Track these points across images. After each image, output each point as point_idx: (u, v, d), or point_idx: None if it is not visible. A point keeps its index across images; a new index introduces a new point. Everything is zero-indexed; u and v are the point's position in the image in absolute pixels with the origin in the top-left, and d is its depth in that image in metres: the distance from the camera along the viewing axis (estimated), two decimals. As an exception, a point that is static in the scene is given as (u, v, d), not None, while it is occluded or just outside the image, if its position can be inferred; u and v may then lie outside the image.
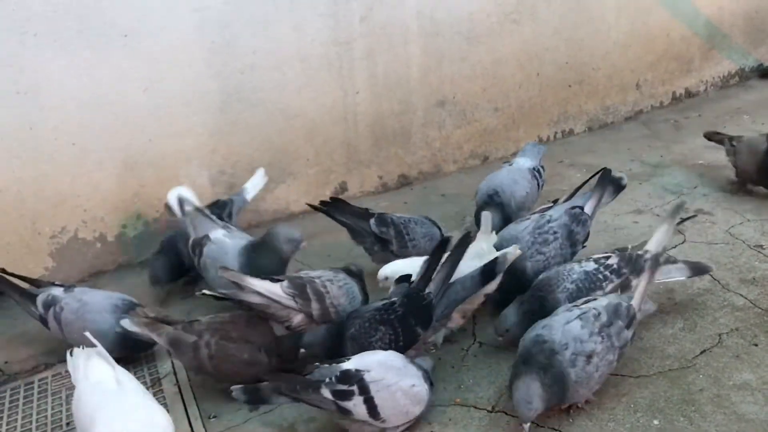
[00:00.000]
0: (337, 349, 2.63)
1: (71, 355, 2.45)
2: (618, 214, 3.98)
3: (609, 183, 3.31)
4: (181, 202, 3.41)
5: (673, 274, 2.93)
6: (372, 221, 3.40)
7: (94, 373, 2.33)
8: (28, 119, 3.45)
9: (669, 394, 2.55)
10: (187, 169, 3.94)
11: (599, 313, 2.44)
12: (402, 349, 2.60)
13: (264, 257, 3.17)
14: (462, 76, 4.66)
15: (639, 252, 2.86)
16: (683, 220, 3.32)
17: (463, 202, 4.28)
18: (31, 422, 2.82)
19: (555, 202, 3.33)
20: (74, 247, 3.72)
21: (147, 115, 3.74)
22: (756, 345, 2.77)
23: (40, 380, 3.07)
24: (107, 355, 2.39)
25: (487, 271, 2.71)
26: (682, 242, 3.60)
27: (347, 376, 2.32)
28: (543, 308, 2.66)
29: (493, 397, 2.63)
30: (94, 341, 2.43)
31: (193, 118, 3.87)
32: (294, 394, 2.29)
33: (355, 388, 2.30)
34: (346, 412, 2.32)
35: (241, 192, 3.84)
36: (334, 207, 3.51)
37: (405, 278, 2.77)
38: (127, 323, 2.75)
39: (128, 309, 2.92)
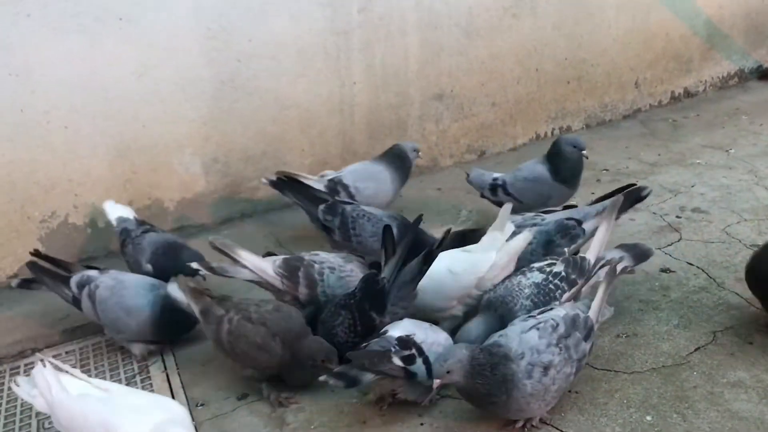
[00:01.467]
0: (313, 331, 2.68)
1: (18, 385, 2.34)
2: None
3: (630, 200, 3.17)
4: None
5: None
6: (321, 206, 3.39)
7: (72, 386, 2.24)
8: (20, 102, 3.40)
9: (662, 390, 2.53)
10: (180, 157, 3.89)
11: (557, 324, 2.32)
12: (361, 336, 2.59)
13: (399, 166, 3.83)
14: (460, 69, 4.63)
15: (582, 255, 2.78)
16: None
17: (459, 196, 4.25)
18: (15, 406, 2.78)
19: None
20: (64, 232, 3.67)
21: (141, 100, 3.69)
22: (751, 343, 2.75)
23: (26, 365, 3.04)
24: (73, 370, 2.33)
25: (428, 254, 2.64)
26: (678, 240, 3.58)
27: (405, 342, 2.39)
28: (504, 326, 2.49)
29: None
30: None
31: (187, 105, 3.83)
32: (374, 366, 2.33)
33: (414, 351, 2.37)
34: (412, 376, 2.38)
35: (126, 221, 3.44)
36: (288, 185, 3.52)
37: (375, 265, 2.74)
38: (172, 288, 2.77)
39: (165, 288, 2.87)
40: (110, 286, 2.91)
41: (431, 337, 2.44)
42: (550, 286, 2.63)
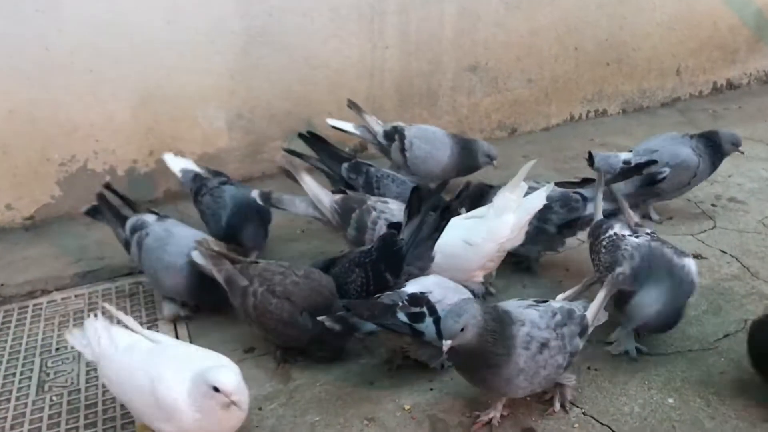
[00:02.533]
0: None
1: (72, 334, 2.27)
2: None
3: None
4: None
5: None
6: (345, 165, 3.31)
7: (121, 339, 2.16)
8: (45, 40, 3.34)
9: (687, 374, 2.42)
10: (204, 110, 3.82)
11: (555, 312, 2.18)
12: (372, 294, 2.48)
13: (462, 152, 3.67)
14: (497, 41, 4.48)
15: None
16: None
17: (488, 172, 4.12)
18: (20, 344, 2.77)
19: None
20: (82, 178, 3.62)
21: (168, 48, 3.62)
22: (784, 334, 2.61)
23: (34, 305, 3.03)
24: (128, 319, 2.24)
25: (445, 209, 2.55)
26: (712, 228, 3.45)
27: (416, 299, 2.31)
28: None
29: (499, 361, 2.49)
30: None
31: (215, 57, 3.75)
32: (374, 319, 2.27)
33: (425, 309, 2.28)
34: (418, 334, 2.29)
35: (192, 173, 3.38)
36: (311, 141, 3.42)
37: (395, 225, 2.64)
38: (196, 255, 2.66)
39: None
40: (159, 237, 2.80)
41: (451, 299, 2.28)
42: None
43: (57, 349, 2.72)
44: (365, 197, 2.97)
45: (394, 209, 2.87)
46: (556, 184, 3.02)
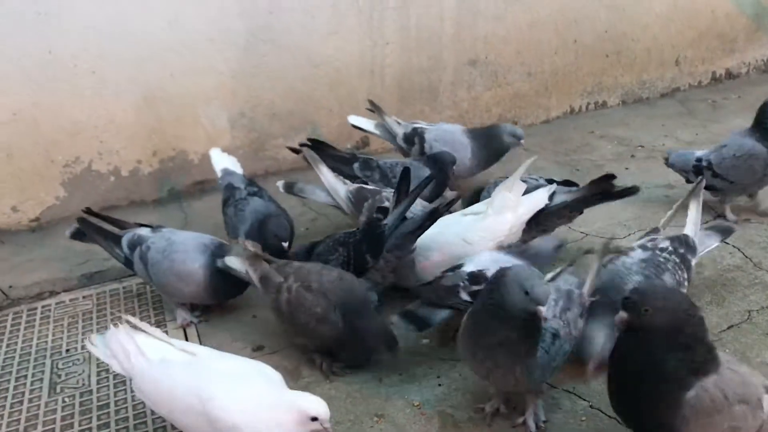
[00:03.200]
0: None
1: (94, 344, 2.14)
2: (648, 187, 3.83)
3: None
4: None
5: (708, 243, 2.74)
6: (355, 165, 3.36)
7: (150, 349, 2.04)
8: (48, 43, 3.36)
9: (692, 365, 2.43)
10: (207, 109, 3.83)
11: (557, 299, 2.16)
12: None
13: (485, 145, 3.65)
14: (496, 36, 4.50)
15: (684, 234, 2.63)
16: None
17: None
18: (30, 346, 2.78)
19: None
20: (87, 179, 3.65)
21: (169, 49, 3.63)
22: (787, 324, 2.64)
23: (43, 307, 3.04)
24: (152, 329, 2.13)
25: (433, 212, 2.60)
26: (714, 218, 3.45)
27: (476, 277, 2.37)
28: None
29: (506, 356, 2.52)
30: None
31: (217, 57, 3.76)
32: (441, 301, 2.36)
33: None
34: None
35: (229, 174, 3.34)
36: (316, 150, 3.39)
37: (383, 210, 2.72)
38: (231, 261, 2.62)
39: (217, 249, 2.73)
40: (162, 248, 2.75)
41: None
42: (659, 258, 2.46)
43: (67, 351, 2.74)
44: (380, 188, 3.09)
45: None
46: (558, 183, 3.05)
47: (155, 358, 2.02)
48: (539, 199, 2.78)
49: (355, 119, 3.79)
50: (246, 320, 2.81)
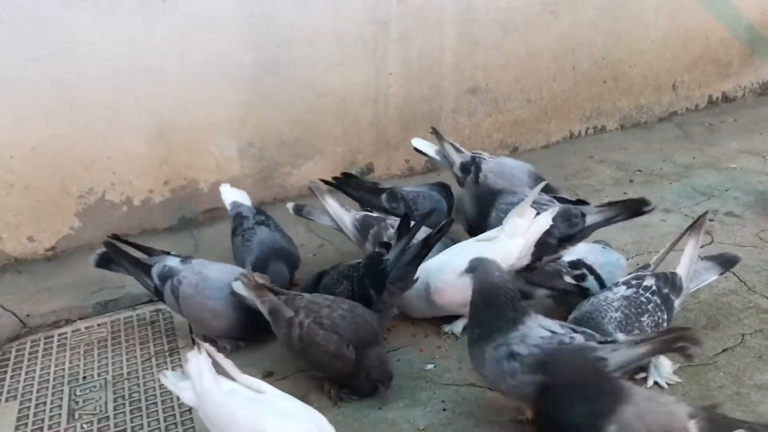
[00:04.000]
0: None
1: (167, 377, 2.25)
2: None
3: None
4: None
5: (705, 277, 2.76)
6: (383, 196, 3.49)
7: (224, 382, 2.13)
8: (64, 79, 3.48)
9: (687, 389, 2.53)
10: (217, 139, 3.95)
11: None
12: None
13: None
14: (496, 64, 4.62)
15: (673, 271, 2.67)
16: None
17: (489, 191, 4.25)
18: (48, 373, 2.87)
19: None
20: (101, 209, 3.76)
21: (181, 82, 3.76)
22: (780, 347, 2.72)
23: (59, 335, 3.13)
24: (227, 362, 2.19)
25: (427, 239, 2.75)
26: (710, 243, 3.55)
27: (576, 264, 2.81)
28: None
29: (507, 380, 2.61)
30: None
31: (226, 89, 3.89)
32: (546, 282, 2.79)
33: (585, 270, 2.77)
34: (584, 291, 2.76)
35: (239, 206, 3.47)
36: (346, 182, 3.60)
37: (385, 245, 2.82)
38: (237, 285, 2.69)
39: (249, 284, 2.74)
40: (194, 284, 2.80)
41: (602, 259, 2.85)
42: (641, 299, 2.53)
43: (84, 378, 2.83)
44: (384, 217, 3.20)
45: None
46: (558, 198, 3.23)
47: (226, 388, 2.12)
48: (544, 222, 2.89)
49: (418, 142, 3.85)
50: (256, 346, 2.90)
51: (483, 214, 3.27)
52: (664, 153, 4.81)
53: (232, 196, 3.45)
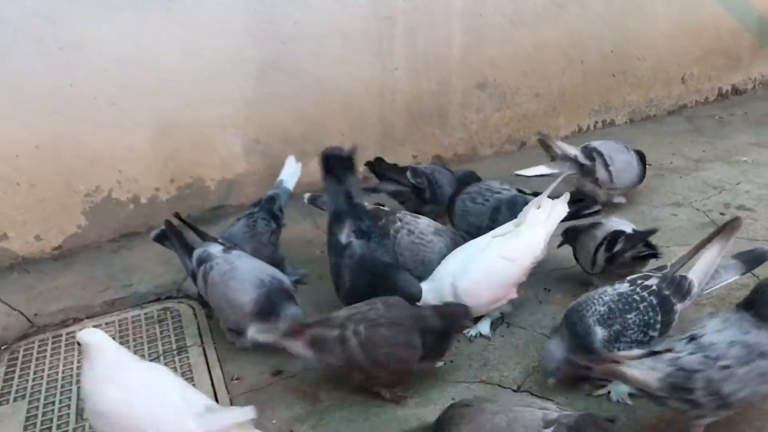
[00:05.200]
0: None
1: None
2: (656, 206, 3.91)
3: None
4: None
5: (724, 277, 2.60)
6: (408, 173, 3.59)
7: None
8: (69, 76, 3.47)
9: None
10: (222, 136, 3.94)
11: None
12: None
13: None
14: (504, 58, 4.59)
15: (683, 275, 2.51)
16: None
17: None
18: (57, 373, 2.86)
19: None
20: (107, 207, 3.74)
21: (186, 79, 3.74)
22: (794, 343, 2.67)
23: (67, 333, 3.11)
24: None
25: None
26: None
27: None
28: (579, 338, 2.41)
29: (518, 377, 2.59)
30: None
31: (231, 86, 3.87)
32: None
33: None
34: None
35: (279, 185, 3.51)
36: (377, 166, 3.69)
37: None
38: (255, 332, 2.52)
39: (273, 287, 2.69)
40: (223, 272, 2.76)
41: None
42: (635, 296, 2.44)
43: (92, 377, 2.82)
44: (394, 211, 3.20)
45: (421, 223, 3.09)
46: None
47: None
48: (561, 211, 2.90)
49: (525, 172, 3.76)
50: (265, 345, 2.87)
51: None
52: (674, 147, 4.76)
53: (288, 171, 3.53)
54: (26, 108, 3.42)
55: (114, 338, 2.98)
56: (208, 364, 2.83)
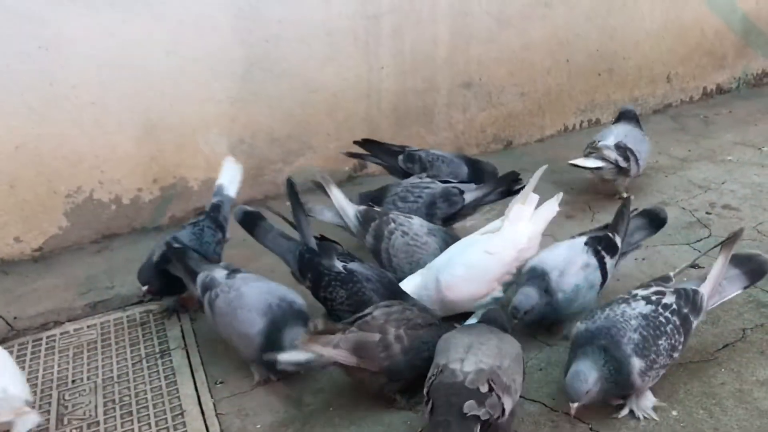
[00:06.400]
0: None
1: None
2: (642, 204, 3.87)
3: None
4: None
5: (727, 291, 2.54)
6: (400, 157, 3.70)
7: None
8: (49, 75, 3.40)
9: (689, 386, 2.48)
10: (206, 137, 3.88)
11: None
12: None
13: None
14: (489, 58, 4.57)
15: (695, 288, 2.46)
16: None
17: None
18: (37, 377, 2.81)
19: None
20: (89, 208, 3.69)
21: (169, 79, 3.69)
22: (781, 342, 2.68)
23: (48, 337, 3.06)
24: None
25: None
26: (708, 236, 3.52)
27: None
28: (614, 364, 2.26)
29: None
30: None
31: (215, 85, 3.82)
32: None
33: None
34: None
35: (220, 191, 3.34)
36: (368, 146, 3.81)
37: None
38: (291, 355, 2.36)
39: (283, 314, 2.52)
40: (229, 301, 2.61)
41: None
42: (661, 319, 2.33)
43: (73, 381, 2.76)
44: (386, 211, 3.18)
45: (415, 224, 3.07)
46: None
47: None
48: (551, 209, 2.92)
49: (579, 161, 3.88)
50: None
51: None
52: (660, 146, 4.76)
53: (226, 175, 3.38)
54: (5, 108, 3.36)
55: (96, 341, 2.99)
56: (191, 367, 2.79)
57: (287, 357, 2.37)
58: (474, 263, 2.77)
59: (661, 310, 2.34)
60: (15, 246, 3.58)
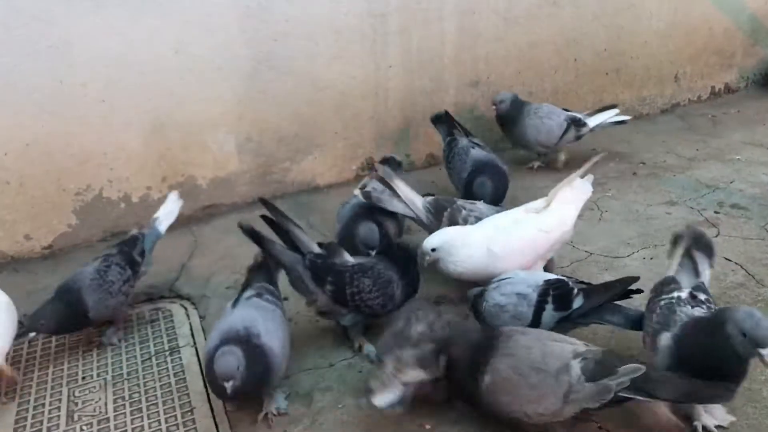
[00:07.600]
0: None
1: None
2: (651, 204, 3.90)
3: None
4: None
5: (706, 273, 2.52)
6: (447, 139, 3.93)
7: None
8: (58, 74, 3.42)
9: (697, 385, 2.47)
10: (214, 135, 3.90)
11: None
12: None
13: None
14: (497, 57, 4.57)
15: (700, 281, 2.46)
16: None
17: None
18: (47, 374, 2.82)
19: None
20: (98, 206, 3.70)
21: (177, 77, 3.70)
22: (790, 342, 2.67)
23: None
24: None
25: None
26: (716, 236, 3.50)
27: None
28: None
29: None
30: None
31: (223, 84, 3.83)
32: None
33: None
34: None
35: (152, 223, 3.21)
36: (446, 121, 4.06)
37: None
38: (383, 398, 2.29)
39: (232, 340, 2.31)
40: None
41: None
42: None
43: (83, 378, 2.77)
44: (454, 199, 3.25)
45: (483, 208, 3.17)
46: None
47: None
48: (586, 189, 3.07)
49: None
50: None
51: None
52: (668, 145, 4.76)
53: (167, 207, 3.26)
54: (15, 106, 3.37)
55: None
56: (200, 364, 2.80)
57: (383, 401, 2.30)
58: (528, 238, 2.90)
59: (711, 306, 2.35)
60: (25, 243, 3.60)
